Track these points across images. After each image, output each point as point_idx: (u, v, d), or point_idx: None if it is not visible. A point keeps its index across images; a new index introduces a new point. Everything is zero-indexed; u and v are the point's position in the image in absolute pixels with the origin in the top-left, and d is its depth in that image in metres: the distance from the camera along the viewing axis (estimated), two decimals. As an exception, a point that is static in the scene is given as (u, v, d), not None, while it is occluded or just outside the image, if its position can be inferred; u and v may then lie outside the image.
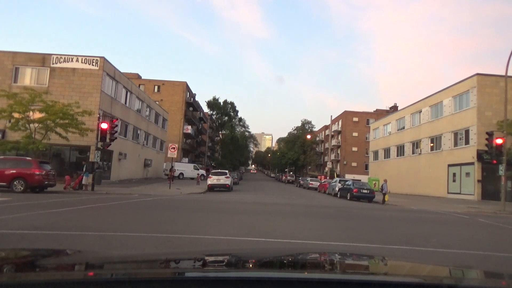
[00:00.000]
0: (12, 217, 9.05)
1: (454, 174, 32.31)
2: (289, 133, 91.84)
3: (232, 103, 79.95)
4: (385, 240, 7.98)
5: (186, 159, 57.89)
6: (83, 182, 20.23)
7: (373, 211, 16.70)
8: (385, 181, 24.28)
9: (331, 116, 54.09)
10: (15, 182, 16.95)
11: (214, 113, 79.79)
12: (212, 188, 26.60)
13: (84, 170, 20.42)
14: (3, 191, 16.25)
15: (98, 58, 27.99)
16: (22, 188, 16.86)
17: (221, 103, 78.15)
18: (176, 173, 43.55)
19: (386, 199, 23.20)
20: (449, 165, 32.72)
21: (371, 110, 77.70)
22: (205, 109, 78.70)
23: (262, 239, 7.75)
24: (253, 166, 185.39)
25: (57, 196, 15.81)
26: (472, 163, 29.40)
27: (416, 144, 40.22)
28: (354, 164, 69.56)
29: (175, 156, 26.46)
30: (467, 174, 30.28)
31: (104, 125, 20.31)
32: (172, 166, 31.08)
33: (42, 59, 27.71)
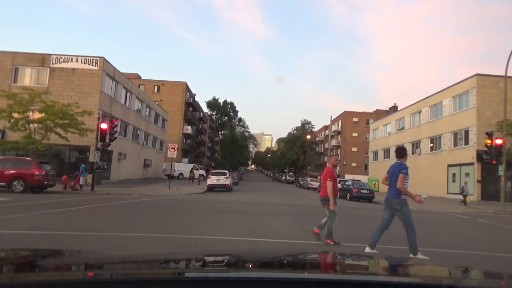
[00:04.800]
0: (11, 217, 9.04)
1: (453, 175, 32.32)
2: (289, 133, 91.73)
3: (232, 103, 79.94)
4: (385, 240, 7.97)
5: (186, 159, 57.86)
6: (81, 182, 20.24)
7: (373, 212, 16.70)
8: (465, 183, 24.76)
9: (331, 116, 54.07)
10: (14, 182, 16.94)
11: (213, 113, 79.75)
12: (211, 188, 26.59)
13: (80, 170, 20.42)
14: (3, 191, 16.24)
15: (98, 58, 27.98)
16: (21, 188, 16.84)
17: (221, 103, 78.13)
18: (176, 173, 43.51)
19: (468, 200, 23.30)
20: (449, 165, 32.73)
21: (371, 110, 77.78)
22: (205, 109, 78.76)
23: (262, 239, 7.75)
24: (252, 166, 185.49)
25: (56, 197, 15.80)
26: (472, 164, 29.41)
27: (415, 145, 40.25)
28: (354, 164, 69.58)
29: (175, 156, 26.43)
30: (467, 174, 30.28)
31: (104, 125, 20.30)
32: (192, 168, 30.99)
33: (41, 59, 27.70)
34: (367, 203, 23.09)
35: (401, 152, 6.65)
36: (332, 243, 7.13)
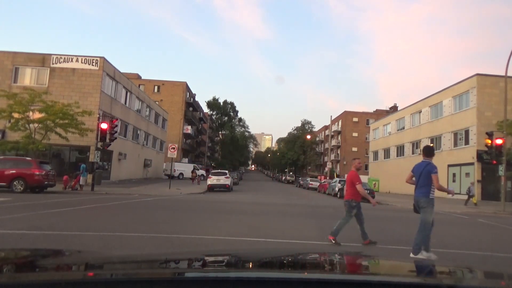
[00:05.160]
0: (11, 217, 9.04)
1: (454, 175, 32.30)
2: (289, 133, 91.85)
3: (232, 103, 79.98)
4: (385, 240, 7.98)
5: (186, 159, 57.86)
6: (81, 182, 20.25)
7: (373, 211, 16.68)
8: (472, 183, 25.62)
9: (331, 116, 53.98)
10: (15, 182, 16.94)
11: (214, 113, 79.76)
12: (212, 188, 26.59)
13: (81, 170, 20.43)
14: (3, 191, 16.24)
15: (98, 58, 27.98)
16: (22, 188, 16.84)
17: (221, 103, 78.14)
18: (176, 173, 43.50)
19: (474, 201, 23.61)
20: (449, 165, 32.70)
21: (371, 110, 77.71)
22: (205, 109, 78.76)
23: (262, 239, 7.76)
24: (252, 166, 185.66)
25: (57, 197, 15.81)
26: (472, 164, 29.39)
27: (416, 144, 40.21)
28: (354, 164, 69.56)
29: (175, 156, 26.44)
30: (467, 174, 30.27)
31: (104, 125, 20.30)
32: (194, 168, 31.13)
33: (42, 59, 27.70)
34: (367, 203, 23.06)
35: (429, 150, 6.65)
36: (334, 241, 7.16)
